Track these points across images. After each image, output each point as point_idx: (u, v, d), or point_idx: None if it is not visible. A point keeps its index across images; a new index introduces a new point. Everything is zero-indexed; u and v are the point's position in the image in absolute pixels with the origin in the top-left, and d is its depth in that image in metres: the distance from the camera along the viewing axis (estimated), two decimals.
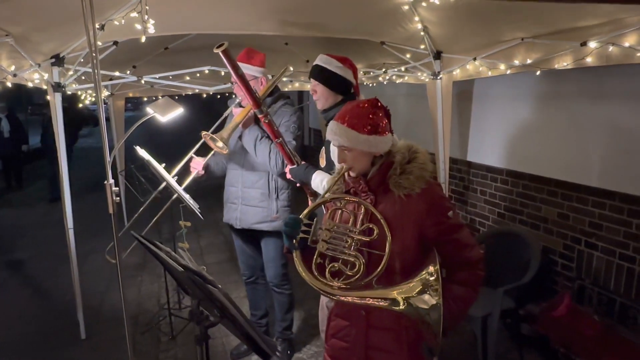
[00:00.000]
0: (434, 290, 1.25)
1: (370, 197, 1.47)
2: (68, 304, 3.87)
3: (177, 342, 3.28)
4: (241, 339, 1.45)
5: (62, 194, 3.12)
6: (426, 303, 1.26)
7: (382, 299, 1.32)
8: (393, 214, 1.42)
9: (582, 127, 3.31)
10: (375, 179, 1.47)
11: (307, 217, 1.43)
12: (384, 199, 1.46)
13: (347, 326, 1.56)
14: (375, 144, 1.43)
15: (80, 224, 3.24)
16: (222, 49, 1.84)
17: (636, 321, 2.93)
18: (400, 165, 1.44)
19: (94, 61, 1.81)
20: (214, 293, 1.09)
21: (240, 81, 2.04)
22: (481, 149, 4.40)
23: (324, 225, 1.40)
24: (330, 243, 1.38)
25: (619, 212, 3.05)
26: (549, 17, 2.64)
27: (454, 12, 2.87)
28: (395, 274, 1.42)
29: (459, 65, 3.64)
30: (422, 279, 1.28)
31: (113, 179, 1.86)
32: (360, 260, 1.36)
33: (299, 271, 1.38)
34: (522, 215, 3.89)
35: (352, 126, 1.42)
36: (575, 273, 3.40)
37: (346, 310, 1.57)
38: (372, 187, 1.48)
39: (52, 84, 3.01)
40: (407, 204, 1.42)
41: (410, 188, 1.42)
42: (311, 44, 4.11)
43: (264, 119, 2.21)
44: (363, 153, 1.45)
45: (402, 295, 1.29)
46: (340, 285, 1.35)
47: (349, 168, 1.47)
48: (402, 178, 1.42)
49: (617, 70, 2.95)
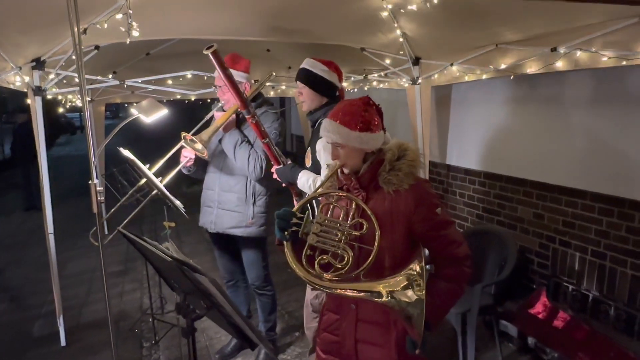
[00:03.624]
0: (418, 285, 1.28)
1: (361, 194, 1.51)
2: (47, 310, 3.82)
3: (160, 347, 3.26)
4: (229, 331, 1.48)
5: (42, 199, 3.09)
6: (410, 297, 1.29)
7: (366, 292, 1.35)
8: (383, 210, 1.46)
9: (554, 130, 3.45)
10: (366, 175, 1.51)
11: (299, 210, 1.47)
12: (375, 196, 1.50)
13: (338, 320, 1.59)
14: (367, 140, 1.47)
15: (58, 231, 3.21)
16: (211, 50, 1.87)
17: (608, 315, 3.05)
18: (389, 162, 1.48)
19: (79, 63, 1.83)
20: (201, 281, 1.12)
21: (229, 82, 2.07)
22: (460, 152, 4.52)
23: (315, 219, 1.44)
24: (320, 236, 1.41)
25: (590, 210, 3.18)
26: (520, 24, 2.76)
27: (432, 19, 2.97)
28: (384, 268, 1.45)
29: (437, 71, 3.75)
30: (407, 274, 1.31)
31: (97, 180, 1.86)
32: (349, 254, 1.39)
33: (289, 262, 1.42)
34: (500, 216, 4.00)
35: (345, 123, 1.46)
36: (551, 271, 3.52)
37: (337, 304, 1.60)
38: (363, 184, 1.52)
39: (32, 88, 2.99)
40: (396, 200, 1.46)
41: (399, 184, 1.45)
42: (293, 50, 4.17)
43: (252, 119, 2.24)
44: (355, 150, 1.48)
45: (387, 289, 1.32)
46: (328, 277, 1.39)
47: (341, 165, 1.52)
48: (391, 175, 1.46)
49: (586, 75, 3.10)
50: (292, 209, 1.48)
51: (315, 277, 1.39)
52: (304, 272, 1.39)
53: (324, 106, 2.30)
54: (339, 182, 1.58)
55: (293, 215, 1.45)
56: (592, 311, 3.16)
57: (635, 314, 2.89)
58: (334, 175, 1.55)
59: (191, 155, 2.60)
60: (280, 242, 1.47)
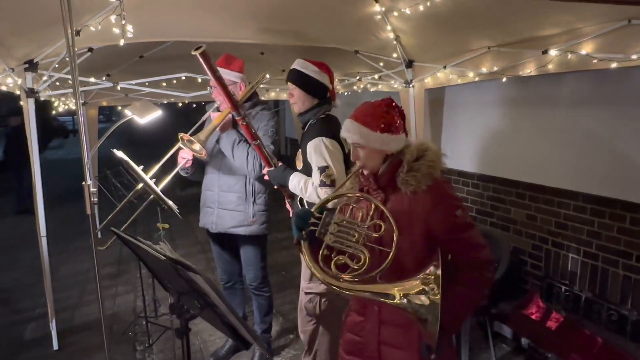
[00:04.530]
0: (432, 289, 1.27)
1: (380, 195, 1.50)
2: (39, 314, 3.79)
3: (153, 350, 3.24)
4: (223, 330, 1.47)
5: (35, 201, 3.07)
6: (424, 301, 1.27)
7: (378, 293, 1.35)
8: (401, 211, 1.44)
9: (546, 131, 3.48)
10: (385, 176, 1.50)
11: (317, 210, 1.46)
12: (393, 197, 1.49)
13: (362, 321, 1.59)
14: (388, 142, 1.47)
15: (51, 234, 3.19)
16: (200, 51, 1.88)
17: (600, 316, 3.07)
18: (408, 163, 1.46)
19: (72, 64, 1.83)
20: (195, 280, 1.13)
21: (218, 83, 2.08)
22: (453, 155, 4.54)
23: (333, 219, 1.44)
24: (337, 236, 1.41)
25: (582, 211, 3.21)
26: (512, 26, 2.79)
27: (424, 22, 3.00)
28: (404, 270, 1.42)
29: (430, 74, 3.78)
30: (423, 278, 1.30)
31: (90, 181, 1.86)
32: (366, 255, 1.38)
33: (306, 261, 1.42)
34: (493, 217, 4.03)
35: (366, 124, 1.46)
36: (544, 272, 3.54)
37: (361, 305, 1.60)
38: (382, 185, 1.51)
39: (25, 90, 2.98)
40: (414, 202, 1.44)
41: (417, 185, 1.43)
42: (287, 53, 4.18)
43: (242, 121, 2.24)
44: (375, 151, 1.48)
45: (402, 292, 1.31)
46: (345, 278, 1.38)
47: (362, 165, 1.51)
48: (409, 175, 1.44)
49: (578, 77, 3.13)
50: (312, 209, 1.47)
51: (332, 277, 1.39)
52: (321, 273, 1.39)
53: (314, 107, 2.29)
54: (360, 183, 1.57)
55: (311, 214, 1.45)
56: (585, 312, 3.18)
57: (627, 314, 2.91)
58: (356, 176, 1.55)
59: (188, 157, 2.60)
60: (298, 241, 1.47)
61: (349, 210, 1.50)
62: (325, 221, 1.44)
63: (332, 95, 2.37)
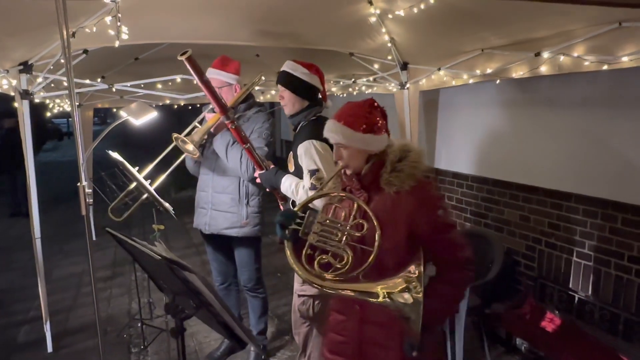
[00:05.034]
0: (415, 287, 1.29)
1: (363, 195, 1.51)
2: (34, 316, 3.77)
3: (148, 352, 3.23)
4: (218, 330, 1.48)
5: (29, 203, 3.06)
6: (407, 299, 1.29)
7: (362, 292, 1.36)
8: (384, 211, 1.46)
9: (539, 133, 3.51)
10: (368, 176, 1.51)
11: (300, 210, 1.48)
12: (376, 197, 1.50)
13: (343, 320, 1.60)
14: (371, 142, 1.48)
15: (45, 237, 3.18)
16: (186, 56, 1.88)
17: (593, 315, 3.10)
18: (391, 163, 1.47)
19: (68, 65, 1.83)
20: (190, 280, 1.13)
21: (205, 87, 2.08)
22: (448, 156, 4.57)
23: (316, 219, 1.45)
24: (321, 235, 1.43)
25: (574, 212, 3.23)
26: (505, 29, 2.82)
27: (418, 24, 3.02)
28: (386, 269, 1.43)
29: (424, 76, 3.81)
30: (405, 276, 1.31)
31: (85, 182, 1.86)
32: (349, 254, 1.40)
33: (289, 261, 1.43)
34: (487, 218, 4.05)
35: (349, 124, 1.47)
36: (537, 272, 3.56)
37: (342, 305, 1.61)
38: (365, 185, 1.52)
39: (19, 91, 2.97)
40: (397, 202, 1.46)
41: (400, 185, 1.44)
42: (282, 55, 4.15)
43: (231, 124, 2.24)
44: (358, 151, 1.49)
45: (385, 290, 1.33)
46: (328, 277, 1.39)
47: (345, 166, 1.52)
48: (392, 176, 1.45)
49: (570, 79, 3.16)
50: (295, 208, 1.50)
51: (315, 276, 1.40)
52: (304, 272, 1.40)
53: (305, 109, 2.27)
54: (343, 183, 1.58)
55: (295, 214, 1.46)
56: (578, 312, 3.21)
57: (619, 313, 2.94)
58: (338, 176, 1.56)
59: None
60: (281, 241, 1.48)
61: (332, 210, 1.52)
62: (308, 221, 1.45)
63: (324, 97, 2.35)
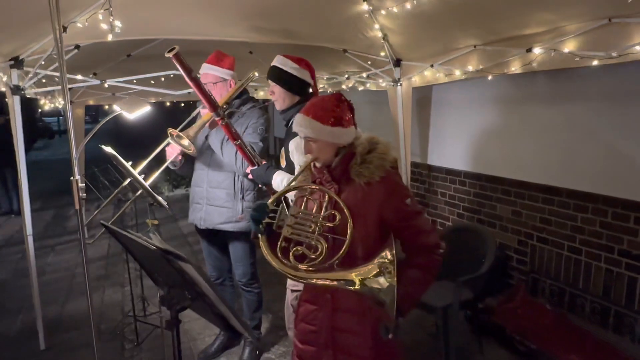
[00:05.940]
0: (389, 273, 1.33)
1: (334, 187, 1.56)
2: (26, 313, 3.74)
3: (142, 348, 3.23)
4: (213, 321, 1.48)
5: (20, 199, 3.04)
6: (382, 284, 1.34)
7: (339, 280, 1.40)
8: (355, 201, 1.51)
9: (531, 129, 3.54)
10: (338, 169, 1.56)
11: (273, 204, 1.50)
12: (347, 188, 1.55)
13: (315, 310, 1.63)
14: (339, 135, 1.53)
15: (37, 236, 3.15)
16: (172, 53, 1.87)
17: (584, 308, 3.14)
18: (361, 155, 1.53)
19: (60, 60, 1.82)
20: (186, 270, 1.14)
21: (194, 84, 2.07)
22: (440, 153, 4.59)
23: (289, 211, 1.48)
24: (294, 228, 1.46)
25: (565, 207, 3.27)
26: (497, 25, 2.84)
27: (411, 20, 3.04)
28: (357, 257, 1.49)
29: (417, 72, 3.82)
30: (379, 262, 1.36)
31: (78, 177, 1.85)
32: (323, 244, 1.44)
33: (264, 254, 1.45)
34: (480, 214, 4.08)
35: (317, 118, 1.52)
36: (529, 267, 3.60)
37: (313, 295, 1.64)
38: (335, 177, 1.57)
39: (10, 87, 2.95)
40: (368, 192, 1.51)
41: (370, 176, 1.50)
42: (276, 52, 4.14)
43: (221, 121, 2.23)
44: (327, 144, 1.54)
45: (360, 277, 1.37)
46: (303, 268, 1.43)
47: (314, 159, 1.56)
48: (362, 167, 1.51)
49: (561, 75, 3.20)
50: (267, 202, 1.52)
51: (290, 267, 1.43)
52: (279, 264, 1.43)
53: (296, 105, 2.26)
54: (312, 176, 1.62)
55: (267, 208, 1.49)
56: (569, 305, 3.25)
57: (610, 306, 2.98)
58: (308, 169, 1.59)
59: (176, 152, 2.59)
60: (255, 235, 1.51)
61: (304, 202, 1.55)
62: (281, 214, 1.48)
63: (315, 91, 2.34)
